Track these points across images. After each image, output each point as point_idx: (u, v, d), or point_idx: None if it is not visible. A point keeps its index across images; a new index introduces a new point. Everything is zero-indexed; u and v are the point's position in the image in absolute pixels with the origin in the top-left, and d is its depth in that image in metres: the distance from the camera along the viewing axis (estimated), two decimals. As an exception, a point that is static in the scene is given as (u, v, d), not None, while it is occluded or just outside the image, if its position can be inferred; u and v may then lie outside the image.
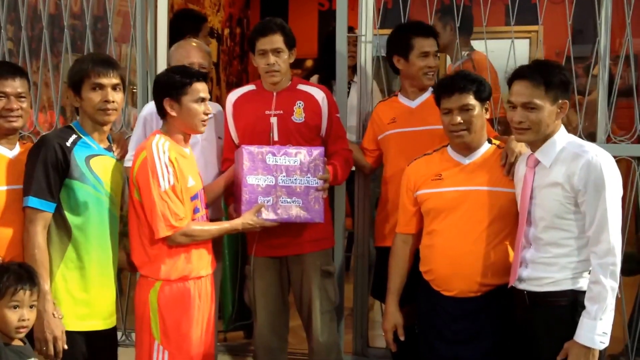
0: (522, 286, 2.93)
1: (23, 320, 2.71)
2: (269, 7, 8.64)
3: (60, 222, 2.97)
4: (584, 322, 2.74)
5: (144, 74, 4.30)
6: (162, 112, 3.15)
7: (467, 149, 3.17)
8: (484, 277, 3.07)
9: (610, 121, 3.88)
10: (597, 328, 2.72)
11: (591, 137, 3.91)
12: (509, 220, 3.08)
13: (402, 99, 3.78)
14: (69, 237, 2.98)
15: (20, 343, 2.75)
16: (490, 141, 3.21)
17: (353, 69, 4.48)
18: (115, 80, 3.03)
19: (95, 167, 3.01)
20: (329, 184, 3.47)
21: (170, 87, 3.11)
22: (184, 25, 4.73)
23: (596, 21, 3.87)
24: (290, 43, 3.60)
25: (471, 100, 3.09)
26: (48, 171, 2.90)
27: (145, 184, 3.02)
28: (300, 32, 8.64)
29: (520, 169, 3.02)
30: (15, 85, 3.01)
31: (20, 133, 4.37)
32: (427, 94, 3.69)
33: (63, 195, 2.96)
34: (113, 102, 3.02)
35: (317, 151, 3.39)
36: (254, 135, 3.60)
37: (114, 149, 3.18)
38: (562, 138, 2.88)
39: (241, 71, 8.47)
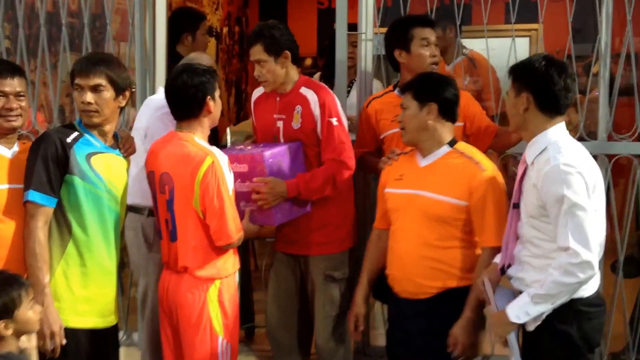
0: (514, 284, 2.92)
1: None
2: (268, 6, 8.64)
3: (60, 219, 2.97)
4: (521, 296, 2.78)
5: (143, 72, 4.28)
6: (199, 111, 3.14)
7: (424, 150, 3.19)
8: (430, 280, 3.11)
9: (611, 119, 3.86)
10: (527, 307, 2.74)
11: (592, 135, 3.90)
12: (455, 227, 3.08)
13: (400, 94, 3.61)
14: (69, 234, 2.98)
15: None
16: (452, 144, 3.16)
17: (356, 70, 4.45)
18: (95, 82, 2.98)
19: (96, 164, 3.00)
20: (295, 196, 3.42)
21: None
22: (182, 22, 4.67)
23: (596, 19, 3.86)
24: (274, 48, 3.49)
25: (407, 100, 3.18)
26: (48, 166, 2.90)
27: (215, 190, 3.04)
28: (300, 30, 8.62)
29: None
30: (14, 84, 2.98)
31: (19, 132, 4.38)
32: None
33: (63, 191, 2.96)
34: (90, 103, 2.98)
35: (266, 153, 3.34)
36: (265, 137, 3.65)
37: (120, 146, 3.15)
38: (549, 137, 2.81)
39: (240, 69, 8.47)
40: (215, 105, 3.18)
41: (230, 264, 3.20)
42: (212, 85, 3.16)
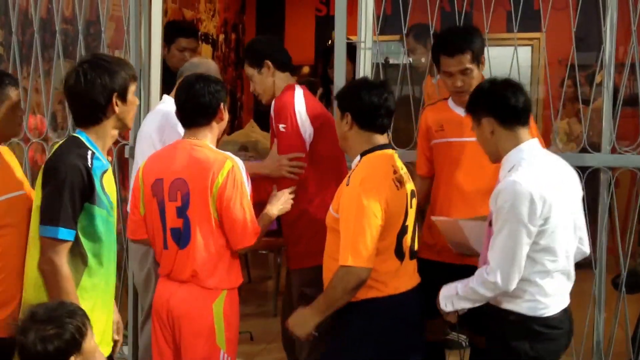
0: None
1: None
2: (265, 13, 8.60)
3: (75, 250, 2.73)
4: (452, 286, 2.91)
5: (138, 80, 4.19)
6: (212, 118, 3.15)
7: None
8: None
9: (614, 132, 3.80)
10: (453, 299, 2.88)
11: (595, 147, 3.83)
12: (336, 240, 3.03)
13: (452, 105, 3.54)
14: (84, 265, 2.77)
15: None
16: (364, 154, 3.08)
17: None
18: None
19: (106, 185, 2.79)
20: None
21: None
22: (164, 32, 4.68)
23: (599, 28, 3.80)
24: (255, 60, 3.56)
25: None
26: (75, 198, 2.67)
27: (236, 195, 3.04)
28: (297, 38, 8.70)
29: None
30: None
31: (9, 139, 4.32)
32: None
33: (81, 220, 2.72)
34: None
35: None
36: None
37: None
38: (518, 155, 2.82)
39: (235, 78, 8.42)
40: (225, 114, 3.21)
41: (237, 275, 3.19)
42: (224, 93, 3.20)
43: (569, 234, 2.84)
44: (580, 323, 3.63)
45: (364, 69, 4.01)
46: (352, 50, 3.99)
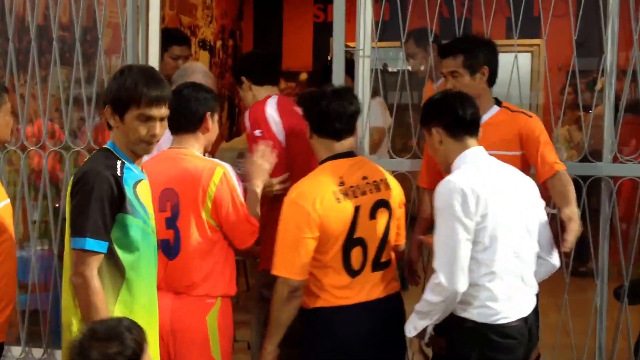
0: None
1: None
2: (263, 19, 8.58)
3: (112, 262, 2.63)
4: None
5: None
6: (197, 125, 3.14)
7: None
8: None
9: (616, 141, 3.77)
10: (414, 322, 2.88)
11: (596, 154, 3.79)
12: None
13: None
14: (122, 278, 2.65)
15: None
16: (321, 164, 3.09)
17: None
18: (165, 112, 2.67)
19: (141, 195, 2.69)
20: None
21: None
22: None
23: (600, 34, 3.78)
24: (236, 78, 3.81)
25: None
26: (104, 208, 2.56)
27: (232, 198, 3.06)
28: (295, 44, 8.68)
29: None
30: None
31: (6, 147, 4.29)
32: (490, 114, 3.39)
33: (115, 232, 2.62)
34: (157, 135, 2.68)
35: None
36: None
37: None
38: (462, 161, 2.88)
39: (233, 84, 8.37)
40: (213, 125, 3.17)
41: (231, 284, 3.17)
42: (213, 104, 3.17)
43: (519, 237, 2.82)
44: (582, 333, 3.61)
45: (363, 77, 3.98)
46: (349, 65, 3.95)
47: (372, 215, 3.03)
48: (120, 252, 2.63)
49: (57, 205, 4.43)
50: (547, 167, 3.27)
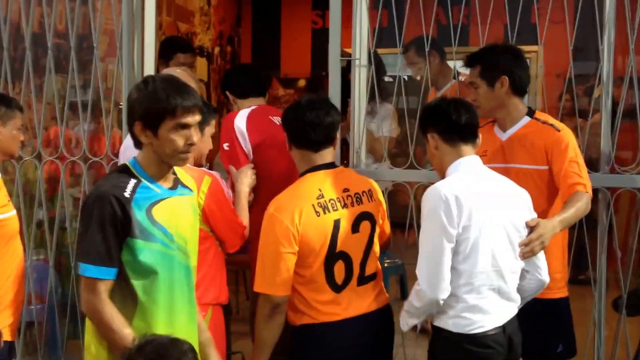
0: None
1: None
2: (261, 25, 8.56)
3: (124, 287, 2.49)
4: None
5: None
6: None
7: None
8: None
9: (613, 151, 3.72)
10: (405, 319, 2.93)
11: (594, 161, 3.76)
12: None
13: (496, 128, 3.38)
14: (134, 304, 2.50)
15: None
16: (301, 176, 3.09)
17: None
18: (198, 118, 2.56)
19: (159, 216, 2.52)
20: None
21: None
22: (162, 49, 4.80)
23: (597, 41, 3.75)
24: (222, 91, 4.08)
25: None
26: (106, 232, 2.43)
27: (220, 203, 3.10)
28: (293, 50, 8.64)
29: None
30: None
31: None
32: (518, 126, 3.29)
33: (125, 256, 2.48)
34: (195, 143, 2.57)
35: None
36: None
37: None
38: (456, 169, 2.87)
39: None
40: (203, 137, 3.13)
41: (223, 291, 3.17)
42: (203, 116, 3.02)
43: (502, 250, 2.79)
44: (581, 343, 3.58)
45: (359, 88, 3.95)
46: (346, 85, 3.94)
47: (355, 229, 2.98)
48: (131, 277, 2.49)
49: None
50: (567, 186, 3.14)
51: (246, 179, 3.49)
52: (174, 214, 2.57)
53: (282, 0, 8.51)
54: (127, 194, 2.46)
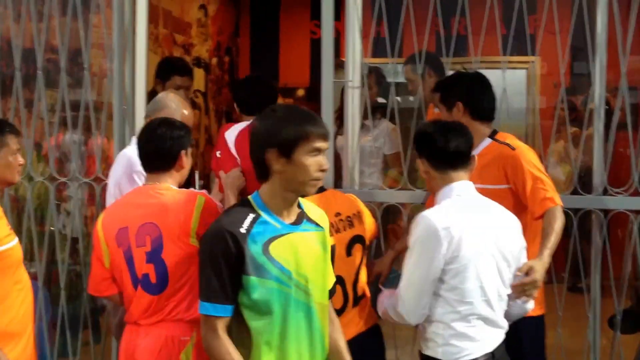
0: None
1: None
2: (259, 35, 8.55)
3: (241, 324, 2.49)
4: (390, 299, 2.91)
5: (121, 112, 4.11)
6: (172, 164, 3.10)
7: None
8: None
9: (606, 173, 3.70)
10: (380, 306, 2.95)
11: (587, 187, 3.72)
12: None
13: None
14: (250, 342, 2.48)
15: None
16: None
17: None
18: (327, 145, 2.53)
19: (277, 252, 2.47)
20: None
21: None
22: (160, 68, 4.84)
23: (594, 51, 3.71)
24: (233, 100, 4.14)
25: None
26: (220, 269, 2.43)
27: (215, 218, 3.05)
28: (292, 60, 8.62)
29: None
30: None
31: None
32: (480, 148, 3.26)
33: (240, 294, 2.46)
34: (326, 170, 2.53)
35: None
36: None
37: None
38: (447, 194, 2.84)
39: (231, 100, 8.37)
40: (187, 161, 3.13)
41: None
42: (187, 140, 3.12)
43: (490, 279, 2.76)
44: (578, 352, 3.55)
45: (352, 110, 3.93)
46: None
47: (349, 253, 2.99)
48: (246, 315, 2.48)
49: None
50: (537, 205, 3.15)
51: (235, 180, 3.52)
52: (294, 251, 2.50)
53: (281, 11, 8.52)
54: (243, 230, 2.44)
